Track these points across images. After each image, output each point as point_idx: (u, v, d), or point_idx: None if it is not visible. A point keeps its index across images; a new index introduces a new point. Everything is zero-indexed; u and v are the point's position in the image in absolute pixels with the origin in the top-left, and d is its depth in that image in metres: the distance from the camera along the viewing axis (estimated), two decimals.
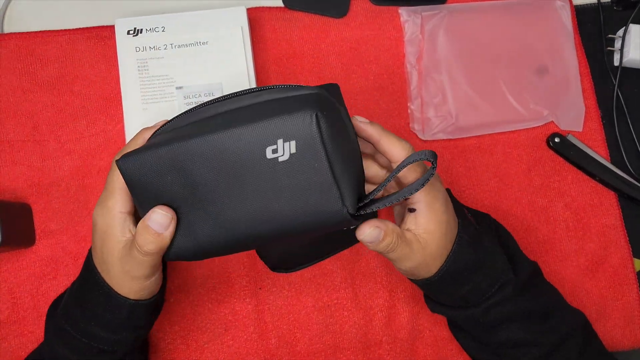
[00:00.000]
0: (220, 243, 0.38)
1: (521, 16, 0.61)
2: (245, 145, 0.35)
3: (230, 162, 0.35)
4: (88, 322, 0.42)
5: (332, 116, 0.35)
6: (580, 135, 0.59)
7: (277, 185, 0.35)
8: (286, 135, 0.34)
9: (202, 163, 0.36)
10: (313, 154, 0.34)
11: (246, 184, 0.35)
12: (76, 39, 0.58)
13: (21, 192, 0.55)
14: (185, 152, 0.36)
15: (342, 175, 0.35)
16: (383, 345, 0.55)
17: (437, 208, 0.41)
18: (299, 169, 0.35)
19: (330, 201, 0.35)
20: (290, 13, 0.60)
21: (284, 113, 0.34)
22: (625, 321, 0.56)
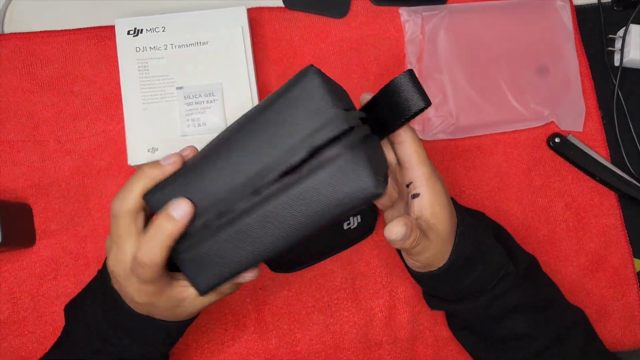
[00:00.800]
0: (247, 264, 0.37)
1: (521, 16, 0.61)
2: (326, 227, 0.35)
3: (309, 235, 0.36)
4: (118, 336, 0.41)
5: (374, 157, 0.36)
6: (580, 135, 0.59)
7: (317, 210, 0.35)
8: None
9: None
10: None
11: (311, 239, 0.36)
12: (76, 39, 0.58)
13: (21, 192, 0.55)
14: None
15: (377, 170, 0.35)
16: (383, 346, 0.55)
17: (439, 190, 0.41)
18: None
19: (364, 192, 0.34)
20: (291, 13, 0.60)
21: (349, 195, 0.34)
22: (626, 321, 0.56)
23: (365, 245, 0.56)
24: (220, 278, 0.37)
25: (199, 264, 0.36)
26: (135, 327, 0.41)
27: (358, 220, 0.54)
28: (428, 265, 0.43)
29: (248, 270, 0.37)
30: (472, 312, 0.46)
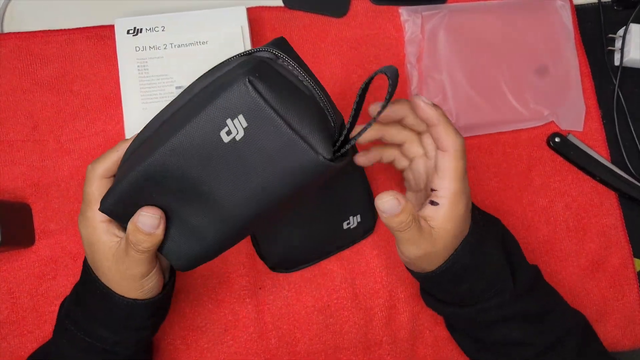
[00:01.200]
0: (224, 237, 0.38)
1: (521, 16, 0.61)
2: (199, 139, 0.34)
3: (196, 160, 0.35)
4: (89, 322, 0.43)
5: (267, 73, 0.34)
6: (580, 135, 0.59)
7: (249, 162, 0.35)
8: (231, 113, 0.34)
9: (170, 173, 0.36)
10: (264, 119, 0.33)
11: (222, 173, 0.35)
12: (76, 38, 0.58)
13: (21, 192, 0.55)
14: (149, 172, 0.36)
15: (303, 126, 0.34)
16: (383, 346, 0.55)
17: (460, 209, 0.41)
18: (259, 139, 0.34)
19: (304, 155, 0.34)
20: (290, 13, 0.60)
21: (219, 93, 0.34)
22: (626, 321, 0.56)
23: (365, 245, 0.56)
24: (116, 194, 0.37)
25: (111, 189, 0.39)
26: (99, 305, 0.42)
27: (358, 220, 0.53)
28: (413, 264, 0.44)
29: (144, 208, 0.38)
30: (464, 318, 0.46)
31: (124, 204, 0.38)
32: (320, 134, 0.34)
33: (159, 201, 0.38)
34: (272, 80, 0.34)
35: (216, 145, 0.34)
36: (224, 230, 0.38)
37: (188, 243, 0.39)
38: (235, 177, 0.35)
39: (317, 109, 0.37)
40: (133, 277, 0.40)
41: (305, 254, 0.54)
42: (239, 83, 0.33)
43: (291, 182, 0.35)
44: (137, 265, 0.40)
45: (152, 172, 0.36)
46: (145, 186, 0.37)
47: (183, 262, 0.40)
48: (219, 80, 0.36)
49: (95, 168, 0.40)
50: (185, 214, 0.38)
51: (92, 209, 0.40)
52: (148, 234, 0.38)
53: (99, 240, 0.40)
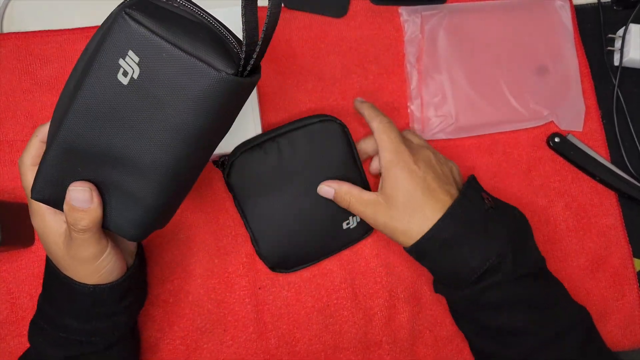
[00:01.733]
0: (164, 192, 0.37)
1: (521, 16, 0.61)
2: (100, 90, 0.33)
3: (105, 115, 0.34)
4: (59, 315, 0.42)
5: (148, 7, 0.34)
6: (580, 135, 0.59)
7: (155, 99, 0.33)
8: (120, 52, 0.33)
9: (86, 136, 0.35)
10: (154, 48, 0.32)
11: (133, 120, 0.34)
12: (76, 38, 0.58)
13: (20, 192, 0.55)
14: (67, 141, 0.35)
15: (196, 48, 0.33)
16: (383, 345, 0.54)
17: (400, 176, 0.46)
18: (156, 70, 0.33)
19: (205, 75, 0.33)
20: (290, 13, 0.60)
21: (105, 37, 0.33)
22: (626, 321, 0.56)
23: (365, 245, 0.56)
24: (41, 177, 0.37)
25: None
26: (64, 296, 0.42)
27: (357, 220, 0.53)
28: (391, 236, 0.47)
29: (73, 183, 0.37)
30: (466, 300, 0.46)
31: (54, 186, 0.37)
32: (217, 52, 0.33)
33: (87, 175, 0.37)
34: (154, 11, 0.33)
35: (118, 91, 0.33)
36: (160, 183, 0.36)
37: (130, 210, 0.37)
38: (146, 122, 0.34)
39: (211, 33, 0.35)
40: (85, 260, 0.39)
41: (305, 253, 0.54)
42: (118, 20, 0.32)
43: (203, 108, 0.33)
44: (84, 247, 0.39)
45: (67, 144, 0.35)
46: (66, 161, 0.36)
47: (133, 230, 0.38)
48: (101, 30, 0.35)
49: (23, 160, 0.40)
50: (117, 180, 0.37)
51: (32, 200, 0.40)
52: (83, 210, 0.36)
53: (47, 228, 0.40)
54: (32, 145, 0.40)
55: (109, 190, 0.37)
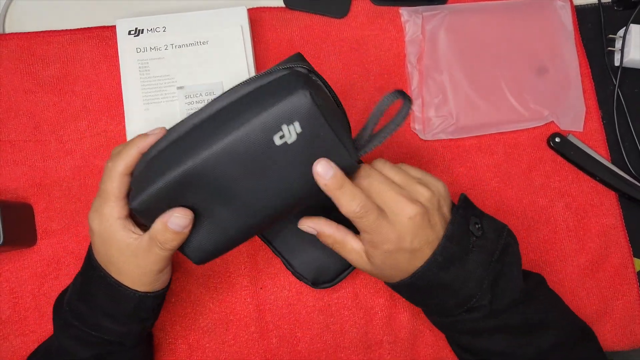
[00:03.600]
0: (245, 231, 0.41)
1: (522, 16, 0.61)
2: (253, 141, 0.36)
3: (243, 161, 0.37)
4: (95, 315, 0.43)
5: (315, 86, 0.38)
6: (580, 135, 0.59)
7: (292, 163, 0.38)
8: (288, 119, 0.36)
9: (214, 173, 0.37)
10: (317, 126, 0.37)
11: (264, 173, 0.38)
12: (77, 39, 0.58)
13: (23, 192, 0.55)
14: (195, 170, 0.37)
15: (341, 133, 0.38)
16: (384, 345, 0.55)
17: (380, 253, 0.41)
18: (309, 143, 0.37)
19: (342, 158, 0.38)
20: (291, 13, 0.61)
21: (278, 99, 0.36)
22: (626, 321, 0.56)
23: None
24: (151, 194, 0.38)
25: (136, 183, 0.40)
26: (107, 298, 0.43)
27: None
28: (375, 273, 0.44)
29: (176, 209, 0.39)
30: (447, 326, 0.46)
31: (156, 203, 0.39)
32: (349, 139, 0.39)
33: (191, 200, 0.39)
34: (320, 92, 0.38)
35: (266, 148, 0.37)
36: (248, 224, 0.40)
37: (211, 238, 0.41)
38: (276, 178, 0.38)
39: (346, 119, 0.42)
40: (152, 272, 0.42)
41: (340, 260, 0.53)
42: (299, 92, 0.36)
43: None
44: (158, 261, 0.41)
45: (196, 171, 0.37)
46: (183, 186, 0.38)
47: (201, 255, 0.41)
48: (269, 88, 0.38)
49: (117, 165, 0.40)
50: (215, 211, 0.40)
51: (110, 206, 0.40)
52: (176, 232, 0.39)
53: (116, 237, 0.41)
54: (129, 155, 0.40)
55: (201, 217, 0.40)
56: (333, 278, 0.53)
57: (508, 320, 0.43)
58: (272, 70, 0.39)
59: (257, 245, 0.55)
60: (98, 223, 0.41)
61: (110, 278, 0.42)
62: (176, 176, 0.37)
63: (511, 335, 0.43)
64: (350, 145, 0.39)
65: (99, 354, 0.44)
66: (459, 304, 0.43)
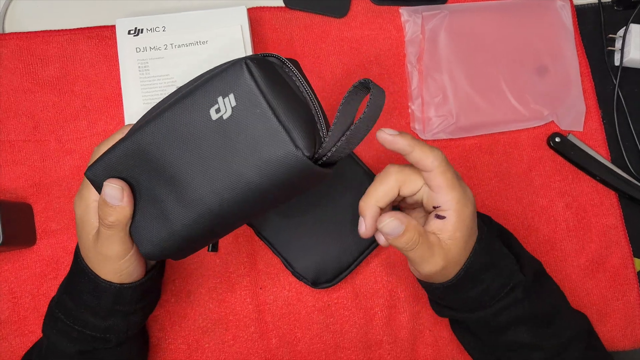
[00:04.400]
0: (193, 226, 0.37)
1: (522, 16, 0.61)
2: (191, 115, 0.36)
3: (182, 137, 0.36)
4: (78, 309, 0.43)
5: (265, 66, 0.36)
6: (580, 135, 0.59)
7: (230, 144, 0.35)
8: (224, 91, 0.35)
9: (158, 147, 0.37)
10: (252, 101, 0.34)
11: (203, 152, 0.36)
12: (77, 39, 0.58)
13: (22, 191, 0.55)
14: (140, 143, 0.37)
15: (288, 119, 0.34)
16: (383, 345, 0.55)
17: (467, 216, 0.41)
18: (245, 120, 0.35)
19: (282, 146, 0.34)
20: (291, 13, 0.61)
21: (217, 74, 0.35)
22: (626, 321, 0.56)
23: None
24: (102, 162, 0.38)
25: None
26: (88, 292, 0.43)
27: None
28: (430, 279, 0.43)
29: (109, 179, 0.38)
30: (479, 322, 0.46)
31: (108, 174, 0.39)
32: (303, 131, 0.35)
33: (139, 178, 0.39)
34: (270, 73, 0.35)
35: (203, 122, 0.35)
36: (194, 218, 0.37)
37: (155, 226, 0.39)
38: (214, 158, 0.36)
39: (307, 113, 0.37)
40: (108, 258, 0.40)
41: (340, 260, 0.53)
42: (237, 64, 0.35)
43: (268, 173, 0.35)
44: (108, 243, 0.40)
45: (139, 145, 0.37)
46: (130, 160, 0.38)
47: (149, 246, 0.39)
48: (219, 67, 0.37)
49: (100, 149, 0.41)
50: (161, 196, 0.38)
51: (90, 190, 0.41)
52: (112, 206, 0.38)
53: (87, 219, 0.41)
54: (113, 139, 0.41)
55: (149, 201, 0.39)
56: (333, 278, 0.53)
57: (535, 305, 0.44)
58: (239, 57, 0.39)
59: (256, 246, 0.55)
60: (77, 205, 0.42)
61: (88, 270, 0.42)
62: (121, 150, 0.37)
63: (535, 325, 0.44)
64: (301, 137, 0.34)
65: (85, 350, 0.44)
66: (504, 283, 0.43)
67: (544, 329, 0.44)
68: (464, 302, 0.45)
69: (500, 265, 0.43)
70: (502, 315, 0.44)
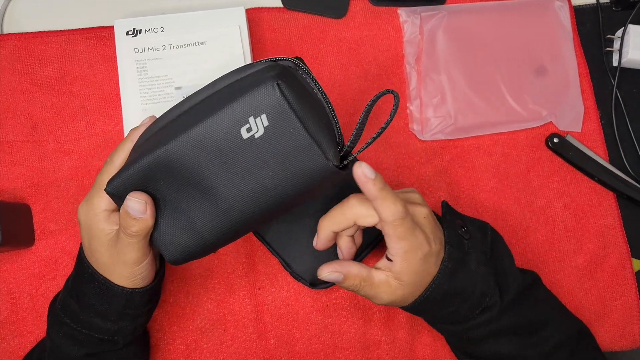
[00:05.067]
0: (221, 233, 0.39)
1: (520, 17, 0.61)
2: (220, 133, 0.36)
3: (210, 152, 0.36)
4: (86, 313, 0.43)
5: (291, 80, 0.36)
6: (579, 135, 0.59)
7: (262, 159, 0.36)
8: (255, 111, 0.35)
9: (183, 163, 0.37)
10: (285, 121, 0.35)
11: (233, 168, 0.37)
12: (75, 39, 0.58)
13: (20, 192, 0.55)
14: (164, 158, 0.37)
15: (317, 132, 0.36)
16: (382, 345, 0.55)
17: (414, 263, 0.41)
18: (277, 138, 0.36)
19: (314, 159, 0.36)
20: (290, 13, 0.61)
21: (247, 91, 0.35)
22: (624, 321, 0.56)
23: None
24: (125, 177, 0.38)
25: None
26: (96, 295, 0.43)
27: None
28: (392, 304, 0.44)
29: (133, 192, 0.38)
30: (454, 335, 0.46)
31: (130, 189, 0.39)
32: (331, 141, 0.37)
33: (163, 191, 0.39)
34: (295, 86, 0.36)
35: (234, 140, 0.36)
36: (223, 226, 0.38)
37: (183, 236, 0.39)
38: (245, 173, 0.37)
39: (328, 119, 0.39)
40: (125, 263, 0.41)
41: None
42: (267, 84, 0.35)
43: (299, 183, 0.37)
44: (129, 250, 0.40)
45: (165, 159, 0.37)
46: (154, 173, 0.38)
47: (176, 255, 0.40)
48: (244, 81, 0.37)
49: (113, 160, 0.42)
50: (187, 206, 0.39)
51: (100, 196, 0.41)
52: (136, 218, 0.38)
53: (98, 227, 0.41)
54: (125, 148, 0.42)
55: (175, 212, 0.39)
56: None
57: (515, 318, 0.44)
58: (254, 64, 0.39)
59: (255, 246, 0.55)
60: (85, 213, 0.42)
61: (98, 275, 0.42)
62: (145, 164, 0.37)
63: (516, 336, 0.44)
64: (329, 147, 0.36)
65: (92, 353, 0.44)
66: (473, 307, 0.43)
67: (526, 339, 0.44)
68: (436, 317, 0.46)
69: (470, 292, 0.43)
70: (477, 329, 0.44)
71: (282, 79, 0.35)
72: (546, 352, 0.44)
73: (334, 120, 0.39)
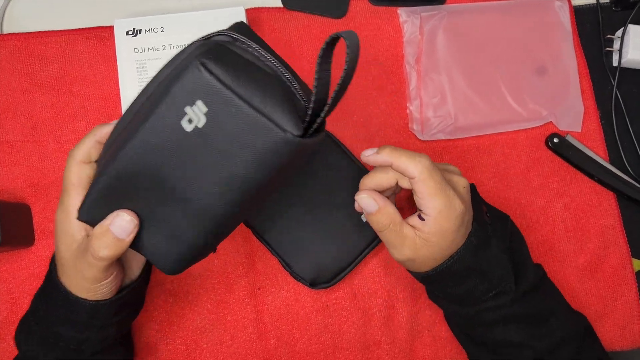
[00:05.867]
0: (205, 233, 0.37)
1: (520, 17, 0.61)
2: (163, 132, 0.33)
3: (163, 154, 0.34)
4: (53, 321, 0.42)
5: (223, 55, 0.33)
6: (579, 135, 0.59)
7: (215, 148, 0.33)
8: (188, 99, 0.32)
9: (143, 172, 0.35)
10: (223, 101, 0.32)
11: (190, 164, 0.34)
12: (75, 39, 0.58)
13: (20, 192, 0.55)
14: (122, 171, 0.35)
15: (266, 105, 0.32)
16: (382, 346, 0.55)
17: (446, 225, 0.41)
18: (222, 122, 0.32)
19: (268, 134, 0.32)
20: (289, 13, 0.61)
21: (176, 80, 0.32)
22: (625, 321, 0.56)
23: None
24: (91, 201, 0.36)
25: None
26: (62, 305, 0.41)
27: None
28: (404, 265, 0.44)
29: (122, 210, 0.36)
30: (464, 317, 0.46)
31: (101, 208, 0.37)
32: (286, 110, 0.33)
33: (136, 204, 0.37)
34: (228, 61, 0.33)
35: (180, 136, 0.33)
36: (203, 226, 0.36)
37: (171, 246, 0.37)
38: (205, 168, 0.34)
39: (282, 86, 0.35)
40: (87, 280, 0.39)
41: (338, 260, 0.53)
42: (192, 67, 0.32)
43: (263, 164, 0.33)
44: (90, 269, 0.38)
45: (120, 172, 0.35)
46: (118, 187, 0.35)
47: (170, 266, 0.38)
48: (175, 70, 0.34)
49: (74, 154, 0.39)
50: (162, 214, 0.36)
51: (70, 196, 0.39)
52: (116, 239, 0.36)
53: (66, 229, 0.39)
54: (86, 142, 0.39)
55: (152, 223, 0.37)
56: (331, 279, 0.53)
57: (526, 308, 0.44)
58: (187, 47, 0.35)
59: (255, 246, 0.55)
60: (58, 214, 0.39)
61: (60, 285, 0.40)
62: (107, 179, 0.35)
63: (526, 325, 0.44)
64: (284, 118, 0.32)
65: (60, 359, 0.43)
66: (489, 288, 0.43)
67: (535, 329, 0.45)
68: (447, 294, 0.46)
69: (489, 272, 0.44)
70: (488, 313, 0.44)
71: (208, 57, 0.32)
72: (553, 344, 0.44)
73: (293, 87, 0.35)
